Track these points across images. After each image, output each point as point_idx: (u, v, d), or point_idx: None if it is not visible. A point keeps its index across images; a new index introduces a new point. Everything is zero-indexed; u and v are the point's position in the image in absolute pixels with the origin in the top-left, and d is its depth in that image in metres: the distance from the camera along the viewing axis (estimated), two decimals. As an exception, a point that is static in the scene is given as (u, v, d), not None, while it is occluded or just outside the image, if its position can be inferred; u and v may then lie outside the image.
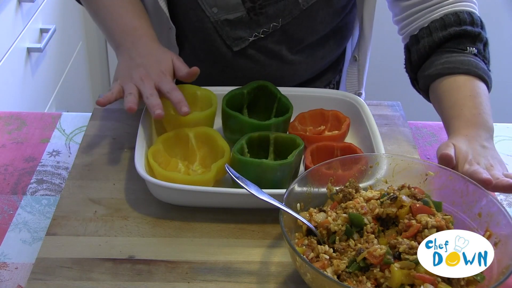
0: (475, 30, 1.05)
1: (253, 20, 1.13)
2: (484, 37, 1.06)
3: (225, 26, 1.14)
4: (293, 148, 0.93)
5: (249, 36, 1.15)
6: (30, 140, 1.08)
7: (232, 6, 1.11)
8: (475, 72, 1.00)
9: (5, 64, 1.61)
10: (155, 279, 0.81)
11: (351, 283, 0.74)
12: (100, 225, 0.89)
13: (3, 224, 0.90)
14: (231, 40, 1.15)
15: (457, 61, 1.02)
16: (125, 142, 1.06)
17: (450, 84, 1.01)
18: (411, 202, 0.80)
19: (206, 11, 1.13)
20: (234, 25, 1.13)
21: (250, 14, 1.12)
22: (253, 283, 0.81)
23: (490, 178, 0.82)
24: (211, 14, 1.13)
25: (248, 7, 1.11)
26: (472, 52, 1.04)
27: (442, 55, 1.04)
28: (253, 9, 1.11)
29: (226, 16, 1.12)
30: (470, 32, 1.04)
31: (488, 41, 1.07)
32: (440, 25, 1.05)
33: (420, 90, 1.09)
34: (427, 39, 1.06)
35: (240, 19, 1.13)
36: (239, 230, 0.89)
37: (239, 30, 1.14)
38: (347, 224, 0.79)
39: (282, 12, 1.12)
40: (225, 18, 1.13)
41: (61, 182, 0.99)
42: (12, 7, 1.64)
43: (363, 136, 1.04)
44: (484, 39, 1.06)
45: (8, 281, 0.81)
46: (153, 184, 0.89)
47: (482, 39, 1.06)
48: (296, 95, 1.10)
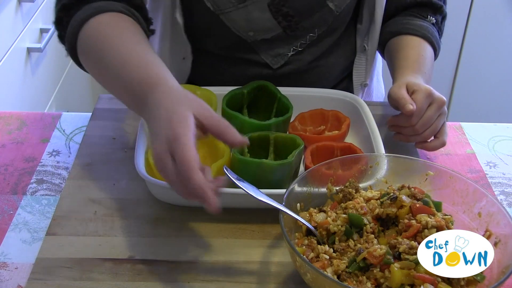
0: (438, 3, 1.19)
1: (290, 36, 1.13)
2: (444, 11, 1.20)
3: (262, 45, 1.13)
4: (293, 148, 0.93)
5: (287, 51, 1.15)
6: (30, 140, 1.08)
7: (268, 28, 1.11)
8: (429, 38, 1.14)
9: (5, 64, 1.61)
10: (155, 279, 0.81)
11: (351, 283, 0.74)
12: (100, 225, 0.89)
13: (3, 224, 0.90)
14: (270, 58, 1.15)
15: (416, 24, 1.16)
16: (125, 142, 1.06)
17: (407, 42, 1.14)
18: (411, 202, 0.80)
19: (242, 36, 1.12)
20: (271, 43, 1.13)
21: (286, 31, 1.12)
22: (253, 283, 0.81)
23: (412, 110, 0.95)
24: (247, 37, 1.12)
25: (284, 26, 1.11)
26: (431, 21, 1.17)
27: (405, 17, 1.18)
28: (289, 26, 1.11)
29: (263, 36, 1.12)
30: (434, 3, 1.19)
31: (446, 16, 1.21)
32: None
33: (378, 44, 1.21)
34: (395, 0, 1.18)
35: (278, 36, 1.12)
36: (239, 230, 0.89)
37: (277, 47, 1.14)
38: (347, 224, 0.79)
39: (317, 23, 1.13)
40: (262, 38, 1.12)
41: (61, 182, 0.99)
42: (12, 7, 1.64)
43: (363, 136, 1.04)
44: (444, 12, 1.20)
45: (8, 281, 0.81)
46: (153, 184, 0.88)
47: (442, 12, 1.20)
48: (296, 95, 1.09)
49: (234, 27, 1.10)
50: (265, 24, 1.10)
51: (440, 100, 0.98)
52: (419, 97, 0.96)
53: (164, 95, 0.80)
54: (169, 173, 0.74)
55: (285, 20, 1.10)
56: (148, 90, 0.82)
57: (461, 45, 2.46)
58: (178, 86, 0.83)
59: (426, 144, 1.01)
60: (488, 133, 1.15)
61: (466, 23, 2.41)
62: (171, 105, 0.78)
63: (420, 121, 0.97)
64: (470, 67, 2.50)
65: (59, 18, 0.99)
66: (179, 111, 0.76)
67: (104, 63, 0.90)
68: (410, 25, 1.16)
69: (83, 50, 0.95)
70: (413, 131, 0.98)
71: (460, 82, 2.54)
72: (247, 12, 1.08)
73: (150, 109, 0.80)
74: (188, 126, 0.74)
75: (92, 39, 0.93)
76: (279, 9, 1.08)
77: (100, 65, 0.92)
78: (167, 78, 0.84)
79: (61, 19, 0.99)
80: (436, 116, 0.98)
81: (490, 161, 1.08)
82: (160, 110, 0.78)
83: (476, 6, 2.37)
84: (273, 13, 1.08)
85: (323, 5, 1.10)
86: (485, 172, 1.05)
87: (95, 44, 0.93)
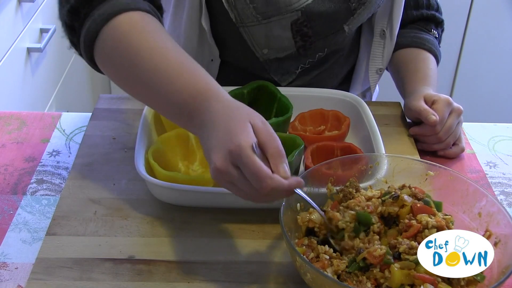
0: (440, 17, 1.26)
1: (302, 55, 1.13)
2: (443, 24, 1.28)
3: (273, 63, 1.14)
4: (293, 148, 0.93)
5: (295, 69, 1.15)
6: (30, 140, 1.08)
7: (285, 47, 1.11)
8: (434, 52, 1.21)
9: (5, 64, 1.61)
10: (155, 279, 0.81)
11: (351, 283, 0.74)
12: (100, 225, 0.89)
13: (3, 224, 0.90)
14: (279, 75, 1.15)
15: (423, 38, 1.22)
16: (125, 142, 1.06)
17: (415, 55, 1.20)
18: (412, 202, 0.80)
19: (256, 53, 1.12)
20: (282, 61, 1.13)
21: (299, 50, 1.12)
22: (253, 283, 0.81)
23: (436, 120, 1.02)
24: (260, 55, 1.12)
25: (299, 46, 1.11)
26: (434, 34, 1.24)
27: (412, 30, 1.24)
28: (303, 46, 1.11)
29: (276, 55, 1.12)
30: (437, 18, 1.26)
31: (444, 30, 1.28)
32: (414, 5, 1.24)
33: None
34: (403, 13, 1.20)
35: (290, 55, 1.13)
36: (239, 230, 0.89)
37: (286, 65, 1.14)
38: (356, 222, 0.79)
39: (330, 44, 1.14)
40: (274, 57, 1.13)
41: (61, 182, 0.99)
42: (12, 7, 1.64)
43: (363, 136, 1.04)
44: (443, 26, 1.28)
45: (8, 281, 0.81)
46: (153, 184, 0.88)
47: (442, 26, 1.27)
48: (296, 95, 1.09)
49: (251, 42, 1.10)
50: (283, 42, 1.10)
51: (459, 108, 1.05)
52: (440, 106, 1.04)
53: (218, 108, 0.76)
54: (239, 185, 0.73)
55: (301, 40, 1.10)
56: (199, 104, 0.77)
57: (461, 45, 2.46)
58: (229, 96, 0.79)
59: (448, 152, 1.07)
60: (488, 133, 1.15)
61: (466, 23, 2.41)
62: (227, 117, 0.74)
63: (442, 129, 1.04)
64: (470, 67, 2.50)
65: (75, 8, 0.87)
66: (237, 122, 0.73)
67: (139, 69, 0.82)
68: (418, 39, 1.21)
69: (108, 48, 0.85)
70: (436, 139, 1.05)
71: (460, 82, 2.54)
72: (268, 28, 1.07)
73: (204, 122, 0.76)
74: (248, 134, 0.72)
75: (124, 38, 0.84)
76: (300, 28, 1.08)
77: (131, 67, 0.83)
78: (219, 90, 0.79)
79: (77, 10, 0.87)
80: (456, 123, 1.05)
81: (490, 161, 1.08)
82: (215, 122, 0.74)
83: (476, 6, 2.37)
84: (293, 32, 1.08)
85: (340, 28, 1.11)
86: (485, 172, 1.05)
87: (126, 43, 0.83)
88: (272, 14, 1.05)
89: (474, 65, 2.49)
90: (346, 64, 1.25)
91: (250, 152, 0.71)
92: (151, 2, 0.91)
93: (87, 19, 0.86)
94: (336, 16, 1.08)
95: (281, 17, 1.05)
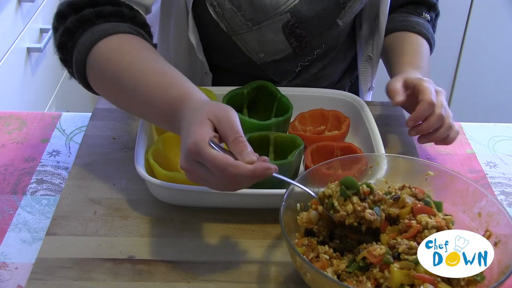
0: (433, 0, 1.23)
1: (299, 54, 1.13)
2: (437, 8, 1.24)
3: (271, 65, 1.14)
4: (293, 148, 0.93)
5: (294, 67, 1.15)
6: (30, 140, 1.08)
7: (280, 50, 1.11)
8: (425, 34, 1.17)
9: (5, 64, 1.61)
10: (155, 279, 0.81)
11: (351, 283, 0.74)
12: (100, 225, 0.89)
13: (3, 224, 0.90)
14: (279, 76, 1.15)
15: (413, 21, 1.19)
16: (125, 142, 1.06)
17: (404, 38, 1.17)
18: (413, 203, 0.80)
19: (252, 57, 1.12)
20: (280, 62, 1.13)
21: (296, 50, 1.12)
22: (253, 283, 0.81)
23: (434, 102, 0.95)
24: (257, 59, 1.12)
25: (295, 46, 1.11)
26: (426, 18, 1.21)
27: (401, 14, 1.21)
28: (299, 46, 1.11)
29: (273, 57, 1.12)
30: (428, 1, 1.22)
31: (439, 13, 1.25)
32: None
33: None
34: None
35: (287, 56, 1.12)
36: (239, 230, 0.89)
37: (284, 65, 1.14)
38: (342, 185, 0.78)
39: (326, 40, 1.13)
40: (272, 59, 1.13)
41: (61, 182, 0.99)
42: (12, 7, 1.64)
43: (363, 136, 1.04)
44: (438, 10, 1.24)
45: (8, 281, 0.81)
46: (153, 184, 0.88)
47: (436, 9, 1.24)
48: (296, 95, 1.09)
49: (246, 48, 1.10)
50: (277, 45, 1.10)
51: (442, 90, 1.00)
52: (425, 84, 0.97)
53: (187, 110, 0.79)
54: (209, 179, 0.74)
55: (296, 41, 1.10)
56: (176, 111, 0.81)
57: (461, 45, 2.46)
58: (203, 98, 0.81)
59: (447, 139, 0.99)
60: (488, 133, 1.15)
61: (466, 23, 2.41)
62: (190, 117, 0.77)
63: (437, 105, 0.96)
64: (470, 67, 2.50)
65: (62, 42, 0.92)
66: (196, 122, 0.75)
67: (123, 85, 0.87)
68: (406, 22, 1.19)
69: (95, 75, 0.91)
70: (437, 117, 0.95)
71: (460, 82, 2.54)
72: (260, 34, 1.07)
73: (180, 128, 0.79)
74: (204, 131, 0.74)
75: (105, 63, 0.88)
76: (293, 30, 1.08)
77: (117, 88, 0.88)
78: (192, 93, 0.82)
79: (64, 43, 0.92)
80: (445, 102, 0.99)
81: (490, 161, 1.08)
82: (182, 127, 0.77)
83: (476, 6, 2.37)
84: (286, 35, 1.08)
85: (333, 23, 1.11)
86: (485, 172, 1.05)
87: (109, 67, 0.88)
88: (261, 20, 1.05)
89: (474, 65, 2.49)
90: (346, 57, 1.25)
91: (205, 146, 0.72)
92: (132, 21, 0.94)
93: (74, 51, 0.92)
94: (326, 13, 1.08)
95: (271, 21, 1.05)
